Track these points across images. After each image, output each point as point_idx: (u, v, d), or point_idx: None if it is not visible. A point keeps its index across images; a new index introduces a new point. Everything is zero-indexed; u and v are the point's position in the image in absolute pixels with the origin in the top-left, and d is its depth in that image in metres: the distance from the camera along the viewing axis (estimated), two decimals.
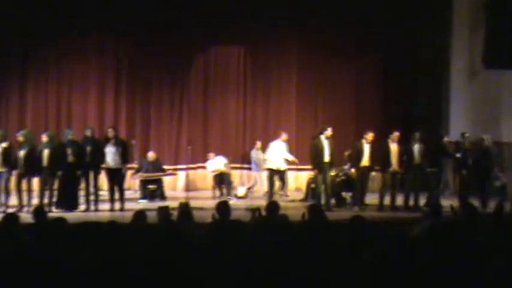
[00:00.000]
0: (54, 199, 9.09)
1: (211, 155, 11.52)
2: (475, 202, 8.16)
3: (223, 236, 4.67)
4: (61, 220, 4.95)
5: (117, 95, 12.20)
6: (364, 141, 9.70)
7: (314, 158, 9.63)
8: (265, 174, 10.95)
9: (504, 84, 11.99)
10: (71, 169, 9.05)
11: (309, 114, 13.04)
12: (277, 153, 10.26)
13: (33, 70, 11.95)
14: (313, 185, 10.47)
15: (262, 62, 12.85)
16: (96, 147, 9.24)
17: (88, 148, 9.16)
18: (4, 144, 8.93)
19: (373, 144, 9.74)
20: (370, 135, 9.69)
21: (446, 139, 10.08)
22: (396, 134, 9.72)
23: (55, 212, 8.52)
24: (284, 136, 10.42)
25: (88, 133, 9.48)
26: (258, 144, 11.77)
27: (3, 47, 11.54)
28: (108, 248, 3.97)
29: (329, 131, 9.60)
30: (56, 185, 9.16)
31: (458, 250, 3.86)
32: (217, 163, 11.35)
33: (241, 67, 12.86)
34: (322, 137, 9.58)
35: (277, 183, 10.38)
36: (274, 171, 10.17)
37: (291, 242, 4.33)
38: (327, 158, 9.53)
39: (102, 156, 9.26)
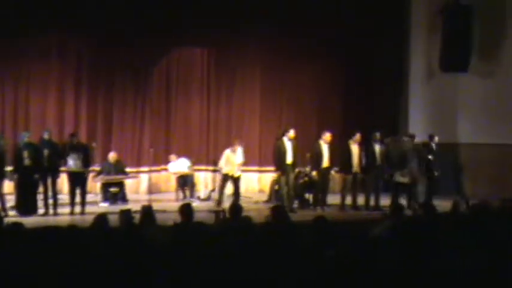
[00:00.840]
0: (8, 204, 8.85)
1: (173, 156, 11.44)
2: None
3: (186, 239, 4.65)
4: (18, 225, 4.82)
5: (77, 96, 11.92)
6: (322, 142, 9.82)
7: (277, 159, 9.69)
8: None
9: (460, 87, 12.34)
10: (27, 173, 8.81)
11: (272, 115, 13.12)
12: (230, 160, 10.13)
13: None
14: (276, 187, 10.53)
15: (226, 63, 12.85)
16: (54, 150, 9.04)
17: (46, 151, 8.94)
18: None
19: (331, 144, 9.87)
20: (327, 136, 9.80)
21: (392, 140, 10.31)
22: (358, 135, 9.87)
23: (12, 217, 8.27)
24: (236, 146, 10.24)
25: (46, 136, 9.25)
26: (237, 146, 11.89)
27: None
28: (69, 252, 3.90)
29: (291, 133, 9.67)
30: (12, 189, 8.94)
31: (419, 249, 3.96)
32: (180, 165, 11.27)
33: (205, 68, 12.82)
34: (285, 138, 9.65)
35: (230, 189, 10.35)
36: (228, 177, 10.06)
37: (254, 243, 4.35)
38: (289, 159, 9.59)
39: (60, 160, 9.06)
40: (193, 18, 12.14)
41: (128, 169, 11.18)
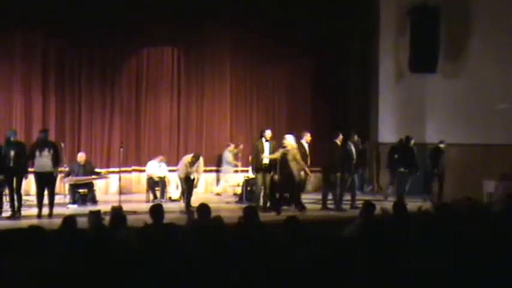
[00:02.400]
0: None
1: (161, 157, 11.29)
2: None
3: (157, 240, 4.60)
4: None
5: (44, 95, 11.63)
6: (304, 142, 9.94)
7: (254, 159, 9.72)
8: (230, 176, 12.00)
9: (428, 88, 12.56)
10: None
11: (243, 115, 13.13)
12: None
13: None
14: (248, 187, 10.55)
15: (196, 63, 12.79)
16: (21, 151, 8.81)
17: (12, 152, 8.71)
18: None
19: (310, 144, 10.08)
20: (308, 136, 10.03)
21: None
22: (341, 136, 10.03)
23: None
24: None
25: (12, 137, 8.98)
26: (231, 146, 12.20)
27: None
28: (34, 256, 3.81)
29: (268, 133, 9.73)
30: None
31: (389, 248, 4.00)
32: (160, 169, 11.14)
33: (175, 67, 12.72)
34: (263, 139, 9.72)
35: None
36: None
37: (224, 244, 4.34)
38: (266, 160, 9.64)
39: (26, 160, 8.86)
40: (163, 16, 12.05)
41: (97, 169, 11.01)
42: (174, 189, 11.12)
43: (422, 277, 2.71)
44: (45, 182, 8.89)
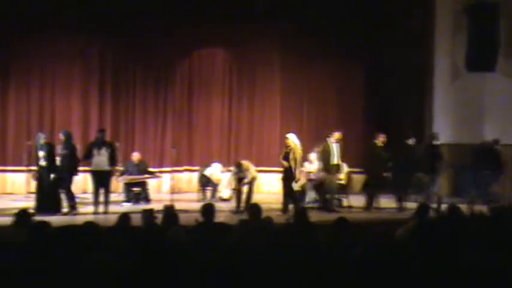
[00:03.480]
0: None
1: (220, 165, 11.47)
2: None
3: (208, 239, 4.65)
4: (45, 224, 4.88)
5: (101, 97, 12.08)
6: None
7: (324, 161, 9.75)
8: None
9: (486, 87, 12.12)
10: (45, 173, 8.96)
11: (293, 117, 13.07)
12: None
13: (15, 73, 11.74)
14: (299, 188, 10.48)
15: (246, 66, 12.86)
16: (72, 152, 9.05)
17: (64, 152, 9.01)
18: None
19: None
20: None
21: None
22: (382, 137, 9.83)
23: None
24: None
25: (61, 136, 9.26)
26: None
27: None
28: (91, 251, 3.93)
29: (337, 135, 9.74)
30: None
31: (443, 250, 3.89)
32: (214, 169, 11.29)
33: (226, 69, 12.85)
34: (331, 140, 9.65)
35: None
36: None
37: (275, 244, 4.33)
38: (335, 161, 9.67)
39: (77, 161, 9.14)
40: (214, 19, 12.19)
41: (150, 169, 11.26)
42: (225, 189, 11.21)
43: (478, 279, 2.62)
44: (102, 180, 9.17)
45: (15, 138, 11.58)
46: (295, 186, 9.35)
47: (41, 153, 8.98)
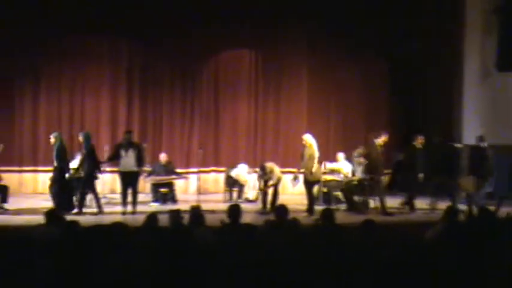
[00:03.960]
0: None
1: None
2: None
3: (234, 240, 4.66)
4: (75, 223, 4.97)
5: (129, 98, 12.26)
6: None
7: (372, 163, 9.65)
8: None
9: None
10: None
11: (320, 118, 13.01)
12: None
13: (46, 75, 11.99)
14: (324, 189, 10.44)
15: (273, 66, 12.85)
16: (90, 153, 9.21)
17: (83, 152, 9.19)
18: None
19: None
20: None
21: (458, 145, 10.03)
22: (420, 138, 9.75)
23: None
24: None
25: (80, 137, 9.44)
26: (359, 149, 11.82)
27: (17, 49, 11.61)
28: (119, 250, 3.98)
29: (384, 137, 9.61)
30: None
31: (473, 252, 3.83)
32: (240, 170, 11.33)
33: (253, 71, 12.86)
34: (378, 141, 9.59)
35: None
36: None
37: (301, 245, 4.32)
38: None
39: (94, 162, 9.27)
40: (241, 20, 12.24)
41: (177, 170, 11.35)
42: (251, 190, 11.22)
43: (506, 282, 2.57)
44: (129, 181, 9.28)
45: (46, 139, 11.76)
46: (310, 177, 9.34)
47: (54, 153, 9.17)
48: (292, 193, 10.95)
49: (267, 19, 12.36)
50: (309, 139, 9.51)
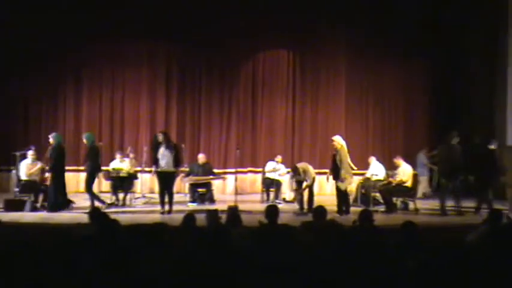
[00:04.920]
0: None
1: (279, 158, 11.41)
2: None
3: (271, 240, 4.67)
4: (115, 221, 5.08)
5: (168, 99, 12.47)
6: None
7: (445, 163, 9.44)
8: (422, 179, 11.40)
9: None
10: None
11: (358, 117, 12.89)
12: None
13: (87, 77, 12.33)
14: (363, 190, 10.34)
15: (311, 67, 12.81)
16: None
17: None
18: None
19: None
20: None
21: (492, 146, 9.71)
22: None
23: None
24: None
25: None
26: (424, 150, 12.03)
27: (60, 53, 11.97)
28: (157, 249, 4.04)
29: (456, 137, 9.40)
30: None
31: None
32: (275, 169, 11.33)
33: (290, 71, 12.85)
34: (454, 140, 9.36)
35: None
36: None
37: (339, 246, 4.29)
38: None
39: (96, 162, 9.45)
40: (279, 21, 12.24)
41: (215, 170, 11.43)
42: (288, 191, 11.20)
43: None
44: (166, 181, 9.40)
45: None
46: (342, 185, 9.17)
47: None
48: (331, 193, 10.85)
49: (305, 19, 12.33)
50: (340, 141, 9.36)
